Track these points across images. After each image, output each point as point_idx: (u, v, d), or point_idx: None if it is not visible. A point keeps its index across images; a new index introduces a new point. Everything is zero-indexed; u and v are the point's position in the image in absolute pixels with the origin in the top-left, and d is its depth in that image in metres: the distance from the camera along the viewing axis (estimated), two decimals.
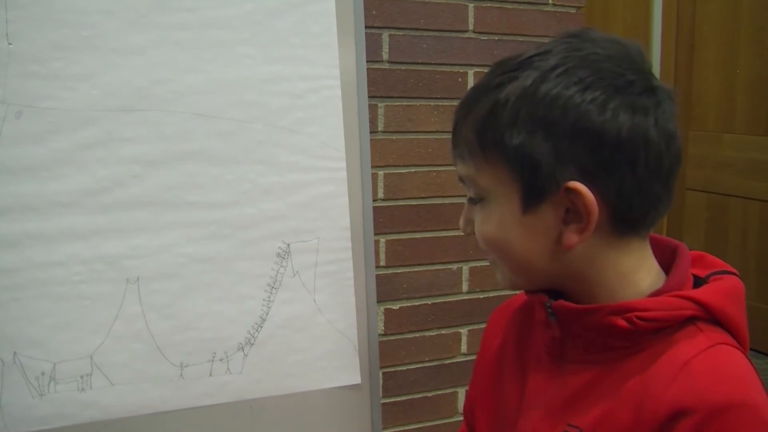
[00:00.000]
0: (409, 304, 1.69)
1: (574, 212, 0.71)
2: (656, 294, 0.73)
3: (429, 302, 1.70)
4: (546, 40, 0.74)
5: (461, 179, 0.78)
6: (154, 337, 1.05)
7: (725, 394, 0.65)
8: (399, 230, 1.66)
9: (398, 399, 1.70)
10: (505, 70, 0.73)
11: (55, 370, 1.00)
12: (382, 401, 1.66)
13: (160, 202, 1.05)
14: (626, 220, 0.73)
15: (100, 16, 1.01)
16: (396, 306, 1.67)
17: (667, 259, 0.78)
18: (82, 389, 1.01)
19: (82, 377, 1.01)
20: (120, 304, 1.03)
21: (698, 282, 0.76)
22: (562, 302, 0.75)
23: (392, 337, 1.68)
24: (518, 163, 0.71)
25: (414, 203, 1.66)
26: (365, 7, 1.21)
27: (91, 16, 1.01)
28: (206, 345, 1.07)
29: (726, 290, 0.74)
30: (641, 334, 0.71)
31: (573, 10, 1.75)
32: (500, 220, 0.74)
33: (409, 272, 1.68)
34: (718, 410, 0.64)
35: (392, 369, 1.69)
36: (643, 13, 3.56)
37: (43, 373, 0.99)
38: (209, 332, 1.08)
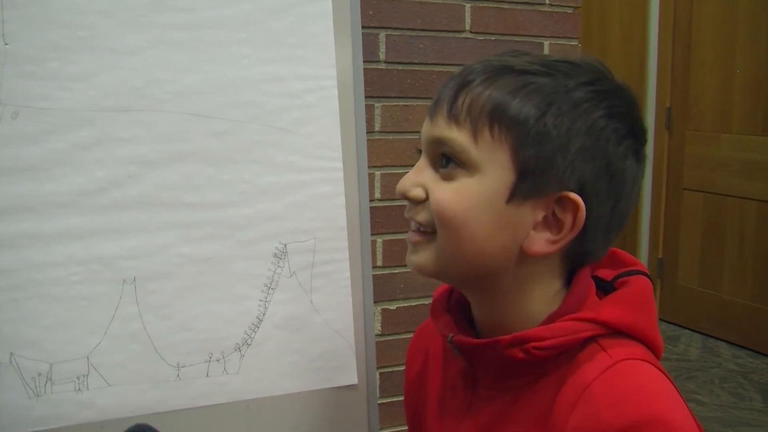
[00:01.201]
0: (406, 305, 1.69)
1: (552, 221, 0.70)
2: (551, 319, 0.72)
3: (426, 302, 1.70)
4: (542, 40, 0.75)
5: (436, 141, 0.72)
6: (150, 337, 1.04)
7: (625, 416, 0.62)
8: (396, 230, 1.66)
9: (395, 399, 1.70)
10: (533, 61, 0.71)
11: (52, 370, 1.00)
12: (379, 401, 1.66)
13: (156, 203, 1.05)
14: (582, 252, 0.73)
15: (97, 17, 1.01)
16: (393, 306, 1.67)
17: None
18: (79, 390, 1.01)
19: (78, 378, 1.01)
20: (117, 305, 1.03)
21: (605, 287, 0.76)
22: (460, 338, 0.74)
23: (389, 338, 1.68)
24: (533, 151, 0.68)
25: None
26: (362, 8, 1.21)
27: (88, 17, 1.01)
28: (203, 345, 1.07)
29: (629, 298, 0.72)
30: (542, 360, 0.70)
31: (570, 11, 1.76)
32: (477, 198, 0.69)
33: (406, 272, 1.68)
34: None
35: (389, 369, 1.69)
36: (640, 13, 3.56)
37: (39, 374, 0.99)
38: (206, 333, 1.07)
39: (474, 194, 0.70)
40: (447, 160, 0.71)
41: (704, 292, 3.29)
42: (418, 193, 0.74)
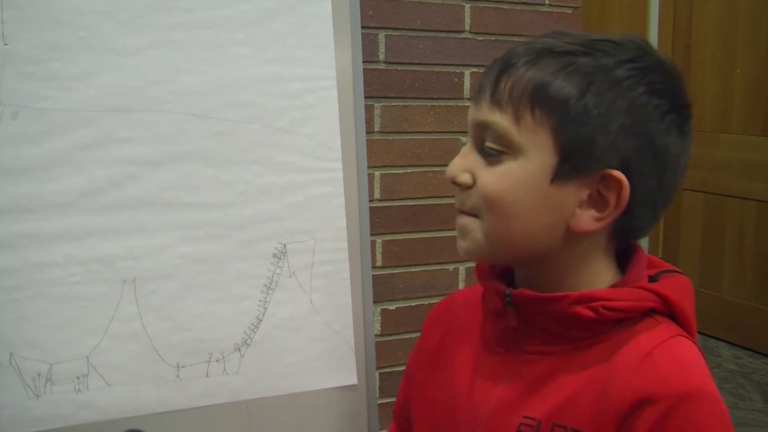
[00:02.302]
0: (405, 305, 1.69)
1: (597, 199, 0.71)
2: (617, 286, 0.74)
3: (425, 302, 1.70)
4: None
5: (480, 125, 0.74)
6: (150, 337, 1.04)
7: (689, 383, 0.67)
8: (395, 231, 1.66)
9: (395, 400, 1.70)
10: (574, 41, 0.72)
11: (52, 371, 1.00)
12: (378, 402, 1.65)
13: (156, 203, 1.05)
14: (629, 228, 0.74)
15: (97, 17, 1.01)
16: (392, 306, 1.67)
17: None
18: (79, 390, 1.01)
19: (78, 378, 1.01)
20: (116, 305, 1.03)
21: (650, 280, 0.77)
22: (523, 291, 0.74)
23: (389, 338, 1.68)
24: (574, 132, 0.69)
25: (410, 204, 1.67)
26: (361, 8, 1.21)
27: (88, 17, 1.01)
28: (203, 346, 1.07)
29: (680, 286, 0.75)
30: (602, 324, 0.71)
31: (569, 11, 1.76)
32: (522, 181, 0.71)
33: (406, 273, 1.68)
34: (683, 398, 0.65)
35: (389, 369, 1.69)
36: (640, 13, 3.56)
37: (39, 374, 0.99)
38: (206, 333, 1.08)
39: (518, 177, 0.71)
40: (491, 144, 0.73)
41: (704, 292, 3.29)
42: (465, 178, 0.75)
